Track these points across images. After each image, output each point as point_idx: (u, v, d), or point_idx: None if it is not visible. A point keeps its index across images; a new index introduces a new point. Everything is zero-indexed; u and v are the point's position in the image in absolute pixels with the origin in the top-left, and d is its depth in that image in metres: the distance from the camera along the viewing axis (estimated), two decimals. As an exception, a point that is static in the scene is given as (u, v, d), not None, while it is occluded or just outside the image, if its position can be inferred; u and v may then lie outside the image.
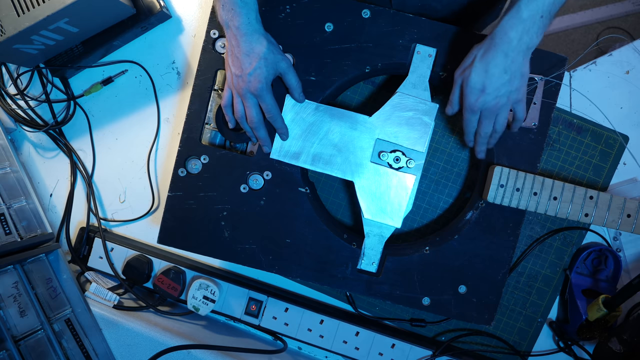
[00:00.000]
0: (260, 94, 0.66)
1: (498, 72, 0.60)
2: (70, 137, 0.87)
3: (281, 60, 0.67)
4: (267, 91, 0.67)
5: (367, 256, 0.73)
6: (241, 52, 0.64)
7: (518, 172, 0.70)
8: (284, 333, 0.83)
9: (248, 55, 0.64)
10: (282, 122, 0.71)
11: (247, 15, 0.63)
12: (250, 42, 0.64)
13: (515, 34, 0.58)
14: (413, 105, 0.71)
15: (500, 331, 0.82)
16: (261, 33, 0.65)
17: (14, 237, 0.75)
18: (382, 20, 0.71)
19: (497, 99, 0.61)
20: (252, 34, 0.64)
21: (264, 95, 0.66)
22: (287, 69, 0.68)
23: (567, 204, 0.70)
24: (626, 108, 0.81)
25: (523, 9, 0.57)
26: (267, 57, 0.65)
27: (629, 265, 0.82)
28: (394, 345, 0.81)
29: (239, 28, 0.64)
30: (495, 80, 0.60)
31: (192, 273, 0.84)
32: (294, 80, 0.69)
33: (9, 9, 0.67)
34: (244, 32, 0.64)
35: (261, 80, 0.65)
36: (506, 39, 0.58)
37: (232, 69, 0.66)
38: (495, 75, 0.60)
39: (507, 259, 0.72)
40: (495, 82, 0.60)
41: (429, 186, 0.80)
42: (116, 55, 0.85)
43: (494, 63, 0.59)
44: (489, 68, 0.60)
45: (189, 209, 0.74)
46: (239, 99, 0.68)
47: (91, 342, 0.77)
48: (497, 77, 0.60)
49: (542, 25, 0.58)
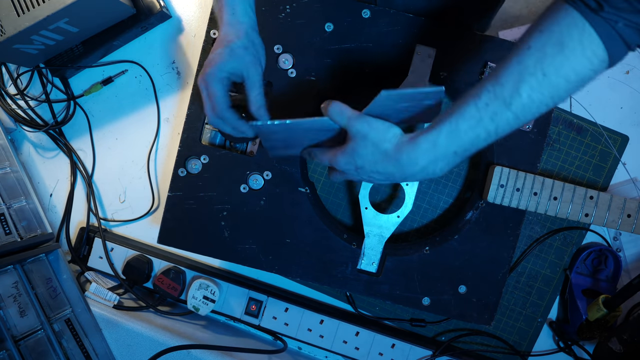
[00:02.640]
0: (208, 81, 0.57)
1: (376, 176, 0.55)
2: (70, 137, 0.87)
3: (251, 63, 0.58)
4: (217, 81, 0.57)
5: (367, 256, 0.73)
6: (216, 41, 0.59)
7: (518, 172, 0.70)
8: (284, 333, 0.83)
9: (219, 42, 0.58)
10: (231, 118, 0.59)
11: (231, 6, 0.58)
12: (226, 30, 0.58)
13: (423, 161, 0.50)
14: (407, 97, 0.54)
15: (500, 331, 0.82)
16: (243, 27, 0.58)
17: (14, 237, 0.75)
18: (382, 20, 0.71)
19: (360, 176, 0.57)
20: (232, 25, 0.58)
21: (210, 83, 0.57)
22: (253, 74, 0.59)
23: (567, 204, 0.70)
24: (626, 108, 0.81)
25: (441, 138, 0.49)
26: (234, 48, 0.57)
27: (629, 265, 0.82)
28: (394, 345, 0.81)
29: (222, 18, 0.58)
30: (368, 175, 0.55)
31: (192, 273, 0.84)
32: (256, 89, 0.59)
33: (9, 9, 0.67)
34: (225, 21, 0.58)
35: (213, 67, 0.56)
36: (412, 161, 0.51)
37: None
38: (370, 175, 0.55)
39: (507, 259, 0.72)
40: (366, 175, 0.55)
41: (429, 186, 0.80)
42: (116, 55, 0.85)
43: (380, 169, 0.53)
44: (370, 169, 0.54)
45: (189, 209, 0.74)
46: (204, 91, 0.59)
47: (91, 342, 0.77)
48: (372, 175, 0.55)
49: (451, 162, 0.51)
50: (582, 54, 0.43)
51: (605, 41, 0.43)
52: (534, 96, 0.45)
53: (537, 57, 0.44)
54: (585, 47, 0.43)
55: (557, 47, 0.43)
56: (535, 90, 0.45)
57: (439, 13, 0.77)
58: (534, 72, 0.44)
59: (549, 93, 0.45)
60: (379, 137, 0.52)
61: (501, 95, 0.46)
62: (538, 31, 0.45)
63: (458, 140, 0.49)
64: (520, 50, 0.46)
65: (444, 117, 0.50)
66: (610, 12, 0.42)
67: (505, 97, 0.46)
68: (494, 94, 0.46)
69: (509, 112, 0.46)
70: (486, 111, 0.47)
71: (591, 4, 0.42)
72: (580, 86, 0.45)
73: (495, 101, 0.46)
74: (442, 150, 0.50)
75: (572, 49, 0.43)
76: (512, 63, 0.46)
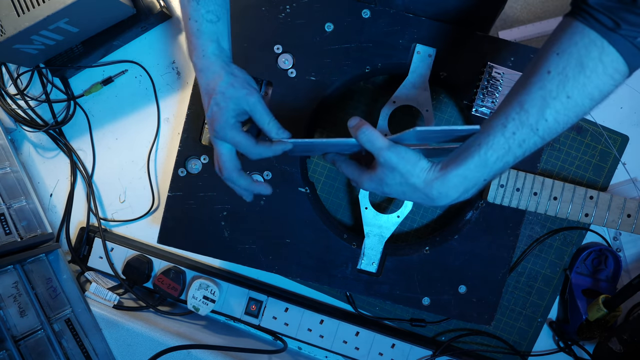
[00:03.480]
0: (217, 139, 0.56)
1: (402, 198, 0.54)
2: (70, 137, 0.87)
3: (247, 95, 0.56)
4: (227, 135, 0.56)
5: (367, 256, 0.73)
6: (202, 92, 0.57)
7: (518, 172, 0.70)
8: (284, 333, 0.83)
9: (206, 94, 0.56)
10: (241, 182, 0.59)
11: (201, 48, 0.55)
12: (206, 77, 0.56)
13: (454, 195, 0.50)
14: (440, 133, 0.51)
15: (500, 331, 0.82)
16: (219, 65, 0.56)
17: (14, 237, 0.75)
18: (382, 20, 0.71)
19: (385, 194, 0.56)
20: (207, 69, 0.56)
21: (217, 143, 0.57)
22: (255, 104, 0.56)
23: (567, 204, 0.70)
24: (626, 108, 0.81)
25: (471, 171, 0.49)
26: (224, 91, 0.55)
27: (629, 265, 0.82)
28: (394, 345, 0.81)
29: (195, 64, 0.56)
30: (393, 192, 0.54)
31: (192, 273, 0.84)
32: (265, 116, 0.57)
33: (9, 9, 0.67)
34: (199, 67, 0.56)
35: (219, 121, 0.55)
36: (443, 196, 0.51)
37: (205, 106, 0.57)
38: (397, 196, 0.54)
39: (507, 259, 0.72)
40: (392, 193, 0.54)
41: (429, 186, 0.80)
42: (116, 55, 0.85)
43: (408, 197, 0.53)
44: (397, 195, 0.53)
45: (189, 209, 0.74)
46: None
47: (91, 342, 0.77)
48: (398, 196, 0.54)
49: (481, 187, 0.51)
50: (603, 72, 0.44)
51: (626, 56, 0.43)
52: (559, 118, 0.46)
53: (559, 80, 0.44)
54: (606, 65, 0.43)
55: (578, 69, 0.44)
56: (560, 113, 0.45)
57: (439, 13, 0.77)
58: (557, 96, 0.45)
59: (574, 113, 0.46)
60: (407, 170, 0.51)
61: (527, 122, 0.46)
62: (555, 54, 0.45)
63: (488, 170, 0.49)
64: (539, 75, 0.46)
65: (471, 148, 0.49)
66: (628, 28, 0.42)
67: (531, 124, 0.46)
68: (520, 122, 0.47)
69: (536, 136, 0.47)
70: (514, 140, 0.47)
71: (608, 24, 0.43)
72: (603, 100, 0.46)
73: (522, 129, 0.47)
74: (472, 181, 0.50)
75: (593, 69, 0.44)
76: (534, 89, 0.46)
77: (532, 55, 0.70)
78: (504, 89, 0.70)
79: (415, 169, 0.51)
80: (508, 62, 0.71)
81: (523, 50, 0.71)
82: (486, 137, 0.48)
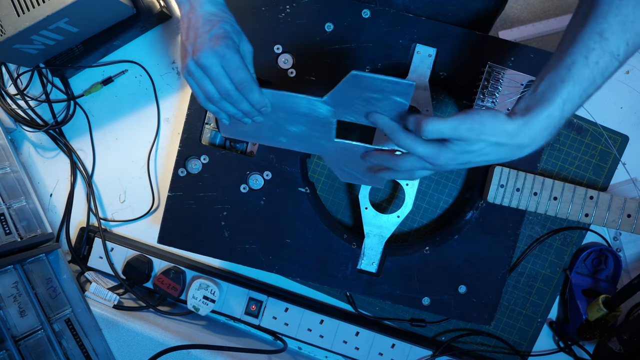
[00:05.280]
0: (224, 52, 0.52)
1: (473, 163, 0.52)
2: (70, 137, 0.87)
3: (247, 42, 0.56)
4: (234, 48, 0.53)
5: (367, 256, 0.73)
6: (201, 19, 0.54)
7: (518, 172, 0.70)
8: (284, 333, 0.83)
9: (209, 20, 0.54)
10: (259, 92, 0.56)
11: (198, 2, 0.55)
12: (215, 12, 0.55)
13: (542, 139, 0.49)
14: (377, 86, 0.53)
15: (500, 331, 0.82)
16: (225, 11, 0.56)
17: (14, 237, 0.75)
18: (382, 20, 0.71)
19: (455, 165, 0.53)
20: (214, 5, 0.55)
21: (229, 54, 0.52)
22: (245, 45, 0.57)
23: (567, 204, 0.70)
24: (626, 108, 0.81)
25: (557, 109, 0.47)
26: (233, 24, 0.55)
27: (629, 265, 0.82)
28: (394, 345, 0.81)
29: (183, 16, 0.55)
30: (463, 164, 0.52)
31: (192, 273, 0.84)
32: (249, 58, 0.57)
33: (9, 9, 0.67)
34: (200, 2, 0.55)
35: (226, 35, 0.52)
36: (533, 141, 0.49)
37: (189, 41, 0.54)
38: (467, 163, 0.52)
39: (507, 259, 0.72)
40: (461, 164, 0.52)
41: (429, 186, 0.80)
42: (116, 55, 0.85)
43: (490, 158, 0.50)
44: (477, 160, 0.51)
45: (189, 209, 0.74)
46: (200, 73, 0.53)
47: (91, 342, 0.77)
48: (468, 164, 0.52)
49: (559, 129, 0.49)
50: None
51: None
52: (637, 41, 0.46)
53: (635, 3, 0.45)
54: None
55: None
56: (638, 35, 0.46)
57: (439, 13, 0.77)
58: (636, 19, 0.45)
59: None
60: (493, 127, 0.48)
61: (609, 49, 0.46)
62: None
63: (573, 106, 0.48)
64: (610, 4, 0.46)
65: (556, 86, 0.47)
66: None
67: (612, 50, 0.46)
68: (602, 50, 0.46)
69: (616, 62, 0.46)
70: (598, 69, 0.46)
71: None
72: None
73: (604, 57, 0.46)
74: (556, 120, 0.48)
75: None
76: (610, 16, 0.46)
77: (532, 55, 0.70)
78: (504, 88, 0.70)
79: (499, 123, 0.48)
80: (508, 62, 0.71)
81: (523, 50, 0.71)
82: (568, 72, 0.47)
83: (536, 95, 0.49)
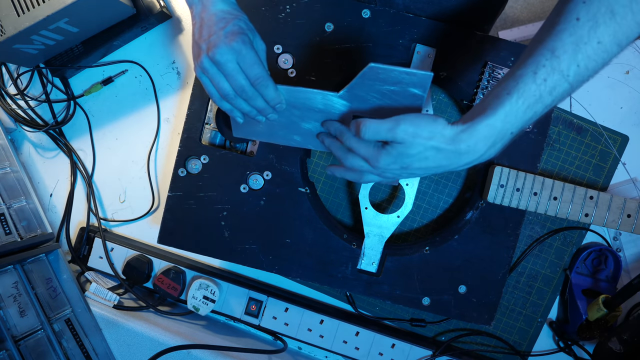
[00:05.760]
0: (240, 48, 0.53)
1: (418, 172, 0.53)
2: (70, 137, 0.87)
3: (260, 40, 0.58)
4: (250, 45, 0.53)
5: (367, 256, 0.73)
6: (214, 17, 0.55)
7: (518, 172, 0.70)
8: (284, 333, 0.83)
9: (223, 18, 0.54)
10: (274, 88, 0.56)
11: None
12: (228, 10, 0.56)
13: (482, 148, 0.49)
14: (395, 78, 0.53)
15: (500, 331, 0.82)
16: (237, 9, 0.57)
17: (14, 237, 0.75)
18: (382, 20, 0.71)
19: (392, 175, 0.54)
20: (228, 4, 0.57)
21: (245, 50, 0.53)
22: (259, 41, 0.58)
23: (567, 204, 0.70)
24: (626, 108, 0.81)
25: (499, 121, 0.48)
26: (247, 21, 0.56)
27: (629, 265, 0.82)
28: (394, 345, 0.81)
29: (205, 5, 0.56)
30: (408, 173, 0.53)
31: (192, 273, 0.84)
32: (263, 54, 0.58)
33: (9, 9, 0.67)
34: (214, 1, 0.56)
35: (241, 32, 0.53)
36: (472, 150, 0.49)
37: (203, 38, 0.54)
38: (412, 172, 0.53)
39: (507, 259, 0.72)
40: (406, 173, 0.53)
41: (429, 186, 0.80)
42: (116, 55, 0.85)
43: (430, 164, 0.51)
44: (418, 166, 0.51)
45: (189, 209, 0.74)
46: (215, 70, 0.54)
47: (91, 342, 0.77)
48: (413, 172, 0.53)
49: (506, 142, 0.50)
50: (632, 19, 0.44)
51: None
52: (589, 65, 0.46)
53: (590, 26, 0.45)
54: (635, 12, 0.44)
55: (608, 15, 0.44)
56: (591, 59, 0.46)
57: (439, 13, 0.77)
58: (589, 41, 0.45)
59: (602, 59, 0.46)
60: (430, 131, 0.49)
61: (558, 68, 0.46)
62: (581, 2, 0.46)
63: (517, 120, 0.48)
64: (568, 23, 0.46)
65: (500, 97, 0.48)
66: None
67: (562, 70, 0.46)
68: (551, 68, 0.46)
69: (566, 83, 0.47)
70: (545, 86, 0.47)
71: None
72: (628, 45, 0.47)
73: (554, 75, 0.46)
74: (500, 133, 0.48)
75: (623, 16, 0.44)
76: (564, 35, 0.46)
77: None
78: (504, 89, 0.70)
79: (437, 127, 0.49)
80: (508, 62, 0.71)
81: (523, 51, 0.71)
82: (515, 85, 0.47)
83: (483, 104, 0.49)
